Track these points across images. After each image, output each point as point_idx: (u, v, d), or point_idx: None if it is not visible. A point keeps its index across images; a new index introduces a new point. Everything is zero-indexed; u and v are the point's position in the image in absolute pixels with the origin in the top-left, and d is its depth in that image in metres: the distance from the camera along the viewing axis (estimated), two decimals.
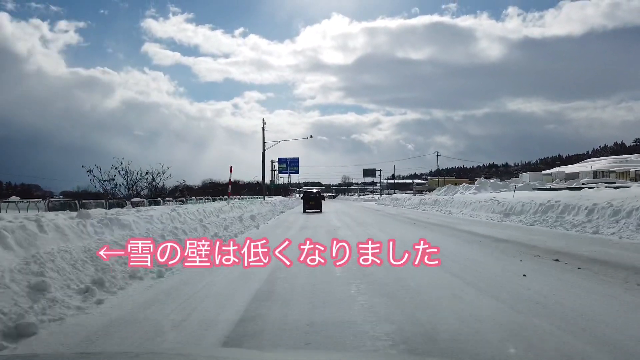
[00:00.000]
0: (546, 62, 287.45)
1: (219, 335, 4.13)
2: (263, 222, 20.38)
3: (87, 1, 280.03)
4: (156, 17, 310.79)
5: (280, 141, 40.01)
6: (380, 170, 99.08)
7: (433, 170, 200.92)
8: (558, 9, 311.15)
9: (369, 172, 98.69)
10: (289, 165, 66.35)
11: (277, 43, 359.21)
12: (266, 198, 46.22)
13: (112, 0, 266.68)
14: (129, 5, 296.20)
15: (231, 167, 19.73)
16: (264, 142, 37.10)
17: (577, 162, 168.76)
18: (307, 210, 32.80)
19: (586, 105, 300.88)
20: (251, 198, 41.94)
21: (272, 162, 66.58)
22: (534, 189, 52.95)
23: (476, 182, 62.48)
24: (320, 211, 32.49)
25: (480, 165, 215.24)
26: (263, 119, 37.50)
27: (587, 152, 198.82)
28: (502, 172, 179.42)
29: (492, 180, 63.64)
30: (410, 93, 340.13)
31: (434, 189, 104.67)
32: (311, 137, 44.00)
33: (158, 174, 26.82)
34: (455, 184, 73.10)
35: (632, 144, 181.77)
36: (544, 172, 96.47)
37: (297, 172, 68.92)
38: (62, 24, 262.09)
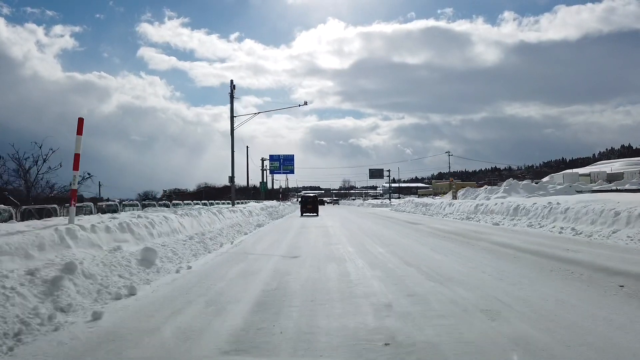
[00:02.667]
0: (542, 66, 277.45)
1: None
2: (184, 265, 7.91)
3: (82, 6, 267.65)
4: (152, 22, 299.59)
5: (258, 113, 27.34)
6: (389, 170, 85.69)
7: (435, 174, 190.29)
8: (553, 14, 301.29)
9: (375, 173, 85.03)
10: (283, 163, 53.25)
11: (272, 48, 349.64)
12: (250, 203, 33.64)
13: (107, 5, 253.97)
14: (125, 9, 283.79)
15: (80, 120, 7.13)
16: (232, 116, 24.40)
17: (583, 165, 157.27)
18: (304, 214, 30.79)
19: (584, 110, 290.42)
20: (220, 203, 29.41)
21: (263, 160, 53.77)
22: (579, 192, 40.55)
23: (504, 184, 50.16)
24: (317, 214, 30.27)
25: (483, 169, 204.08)
26: (231, 80, 25.11)
27: (594, 154, 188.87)
28: (506, 176, 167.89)
29: (524, 182, 51.19)
30: (408, 97, 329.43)
31: (444, 193, 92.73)
32: (306, 103, 30.90)
33: (36, 162, 14.33)
34: (473, 188, 60.85)
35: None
36: (581, 172, 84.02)
37: (292, 171, 55.92)
38: (58, 29, 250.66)
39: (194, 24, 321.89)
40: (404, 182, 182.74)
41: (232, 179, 26.21)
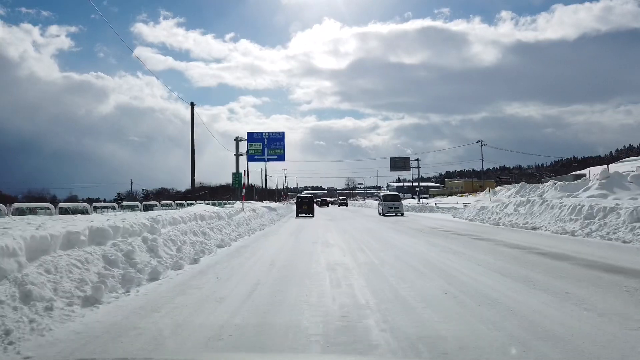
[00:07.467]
0: (541, 66, 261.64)
1: None
2: None
3: (77, 6, 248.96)
4: (147, 22, 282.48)
5: None
6: (417, 160, 66.33)
7: (443, 174, 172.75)
8: (550, 13, 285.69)
9: (399, 163, 64.57)
10: (268, 145, 34.89)
11: (268, 48, 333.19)
12: (185, 208, 15.88)
13: (102, 5, 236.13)
14: (120, 9, 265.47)
15: None
16: None
17: (598, 164, 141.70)
18: (300, 215, 29.71)
19: (584, 109, 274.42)
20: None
21: (237, 140, 35.50)
22: None
23: (598, 175, 31.19)
24: (313, 215, 29.55)
25: (491, 168, 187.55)
26: None
27: (611, 152, 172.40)
28: (518, 175, 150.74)
29: (633, 173, 33.06)
30: (407, 98, 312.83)
31: (462, 192, 74.71)
32: None
33: None
34: (498, 187, 43.39)
35: None
36: None
37: (281, 157, 37.38)
38: (54, 29, 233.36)
39: (189, 24, 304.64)
40: (408, 181, 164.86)
41: None
